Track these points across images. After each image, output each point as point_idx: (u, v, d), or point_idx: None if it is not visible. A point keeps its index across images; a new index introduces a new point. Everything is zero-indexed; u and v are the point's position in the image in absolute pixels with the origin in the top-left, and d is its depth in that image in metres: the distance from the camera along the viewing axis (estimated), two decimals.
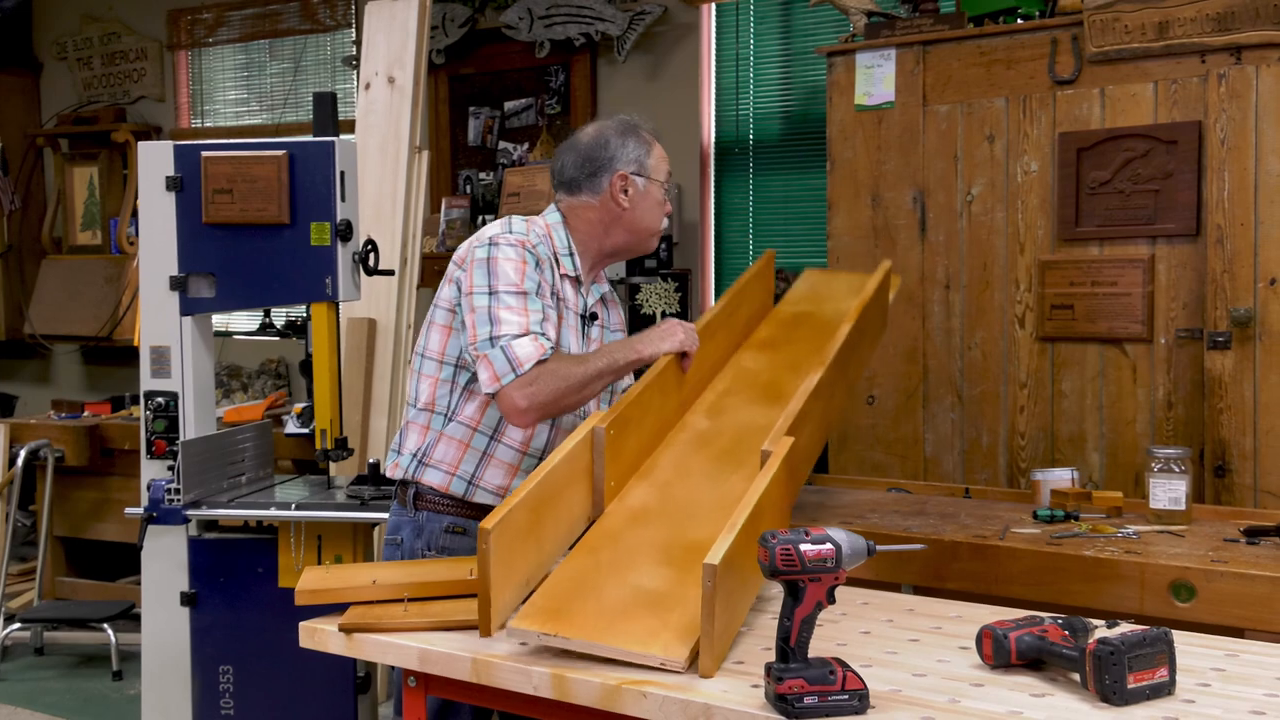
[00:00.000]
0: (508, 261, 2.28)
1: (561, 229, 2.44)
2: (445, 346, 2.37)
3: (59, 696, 4.40)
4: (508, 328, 2.22)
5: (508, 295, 2.25)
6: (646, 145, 2.48)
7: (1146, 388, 3.49)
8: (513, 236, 2.33)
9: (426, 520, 2.38)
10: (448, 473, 2.36)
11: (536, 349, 2.20)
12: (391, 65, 4.24)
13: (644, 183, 2.46)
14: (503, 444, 2.36)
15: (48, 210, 6.99)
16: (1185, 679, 1.66)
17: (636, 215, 2.46)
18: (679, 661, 1.70)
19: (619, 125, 2.50)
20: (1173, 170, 3.42)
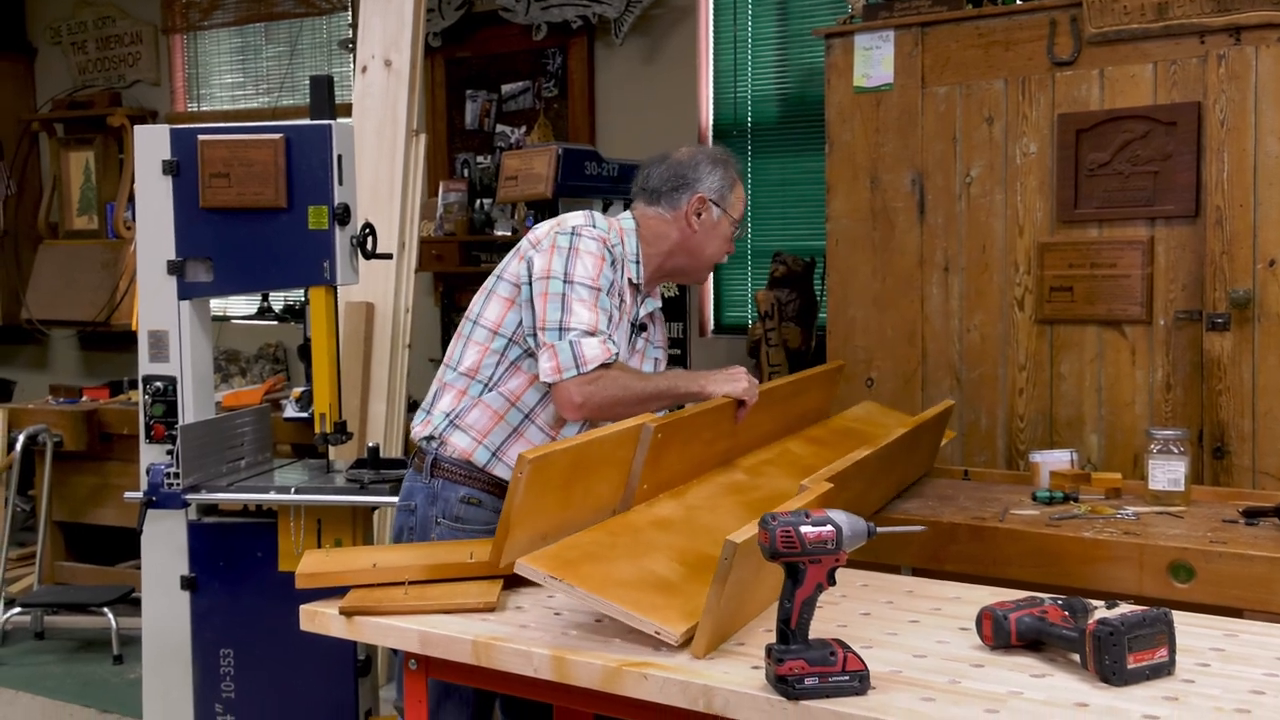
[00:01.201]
0: (589, 254, 2.33)
1: (634, 236, 2.50)
2: (503, 319, 2.40)
3: (59, 681, 4.41)
4: (578, 321, 2.26)
5: (582, 287, 2.30)
6: (731, 182, 2.56)
7: (1145, 369, 3.49)
8: (596, 230, 2.38)
9: (442, 488, 2.40)
10: (475, 439, 2.39)
11: (603, 351, 2.26)
12: (388, 48, 4.22)
13: (719, 214, 2.53)
14: (535, 424, 2.39)
15: (44, 195, 6.98)
16: (1185, 659, 1.66)
17: (702, 241, 2.53)
18: (674, 634, 1.70)
19: (714, 153, 2.58)
20: (1172, 151, 3.41)
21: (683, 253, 2.54)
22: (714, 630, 1.71)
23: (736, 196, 2.57)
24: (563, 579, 1.77)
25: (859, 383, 3.96)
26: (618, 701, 1.72)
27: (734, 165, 2.61)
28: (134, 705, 3.86)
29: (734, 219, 2.57)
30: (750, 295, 5.14)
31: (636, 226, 2.52)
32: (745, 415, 2.44)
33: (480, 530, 2.34)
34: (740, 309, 5.25)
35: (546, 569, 1.78)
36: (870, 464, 2.40)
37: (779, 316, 4.55)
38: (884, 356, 3.91)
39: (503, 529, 1.82)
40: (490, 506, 2.37)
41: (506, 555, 1.82)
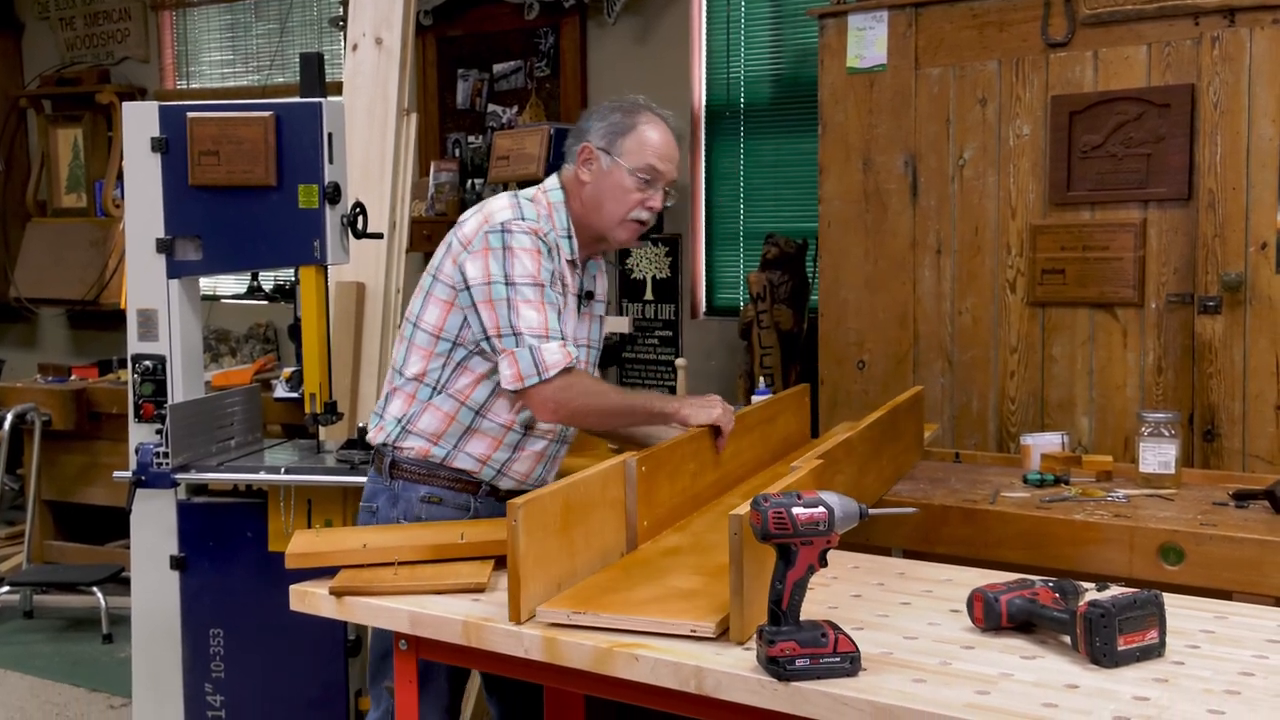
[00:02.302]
0: (524, 252, 2.25)
1: (563, 210, 2.39)
2: (444, 322, 2.33)
3: (48, 660, 4.40)
4: (528, 324, 2.21)
5: (526, 287, 2.23)
6: (627, 126, 2.35)
7: (1136, 352, 3.49)
8: (525, 224, 2.28)
9: (403, 489, 2.36)
10: (429, 442, 2.35)
11: (564, 356, 2.22)
12: (379, 26, 4.18)
13: (609, 161, 2.34)
14: (488, 419, 2.35)
15: (32, 173, 6.92)
16: (1175, 641, 1.67)
17: (596, 195, 2.35)
18: (709, 627, 1.69)
19: (617, 101, 2.42)
20: (1165, 134, 3.41)
21: (588, 210, 2.38)
22: (748, 612, 1.68)
23: (636, 141, 2.33)
24: (586, 611, 1.76)
25: (850, 365, 3.96)
26: (609, 683, 1.72)
27: (642, 111, 2.38)
28: (123, 684, 3.85)
29: (630, 168, 2.33)
30: (742, 277, 5.12)
31: (565, 197, 2.39)
32: (724, 443, 2.41)
33: None
34: (732, 291, 5.24)
35: (569, 607, 1.77)
36: (856, 445, 2.40)
37: (771, 298, 4.54)
38: (876, 339, 3.91)
39: (513, 580, 1.78)
40: (452, 504, 2.35)
41: (524, 605, 1.78)
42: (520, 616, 1.78)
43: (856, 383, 3.94)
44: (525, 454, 2.39)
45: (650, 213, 2.39)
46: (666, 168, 2.37)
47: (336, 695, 3.12)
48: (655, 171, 2.35)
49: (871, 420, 2.61)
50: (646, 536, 2.14)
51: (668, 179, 2.38)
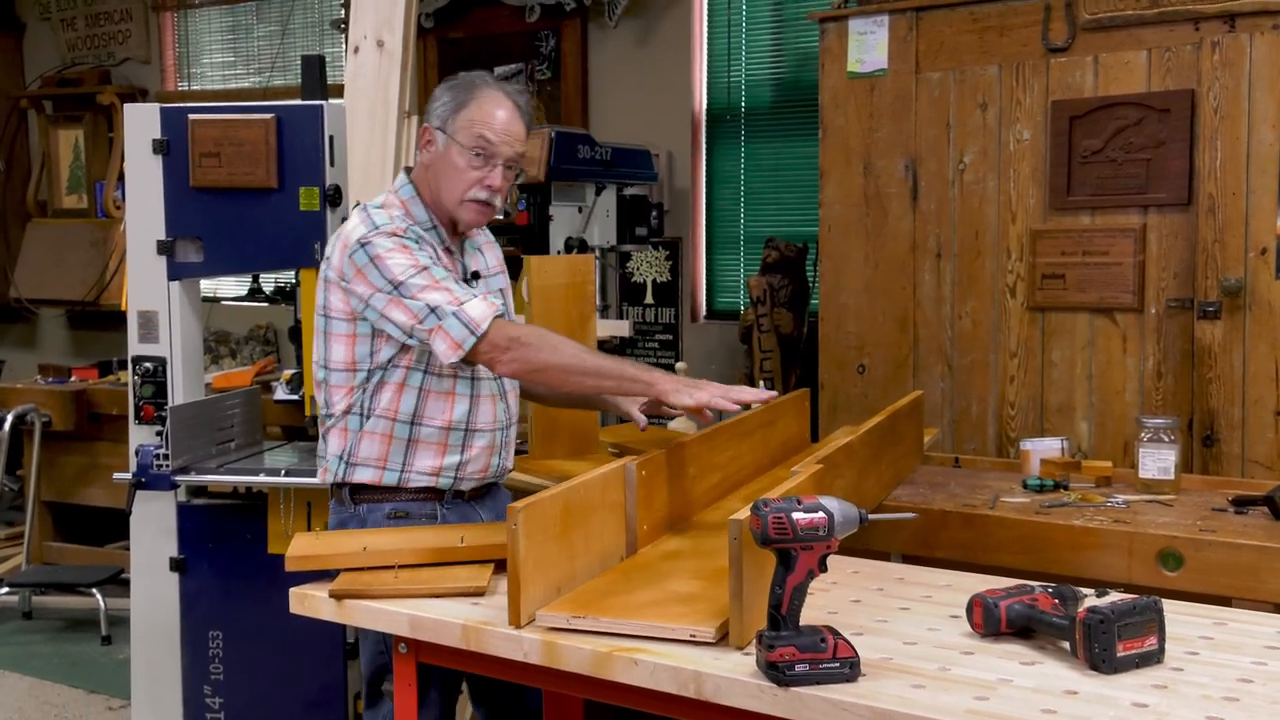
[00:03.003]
0: (390, 253, 2.19)
1: (418, 201, 2.32)
2: (352, 354, 2.28)
3: (47, 660, 4.40)
4: (440, 301, 2.14)
5: (414, 279, 2.17)
6: (460, 102, 2.26)
7: (1136, 357, 3.50)
8: (381, 230, 2.22)
9: (368, 512, 2.32)
10: (377, 468, 2.31)
11: (488, 308, 2.15)
12: (380, 28, 4.19)
13: (443, 140, 2.27)
14: (424, 426, 2.29)
15: (32, 173, 6.93)
16: (1174, 647, 1.67)
17: (437, 177, 2.29)
18: (709, 631, 1.69)
19: (457, 79, 2.33)
20: (1165, 139, 3.41)
21: (432, 193, 2.31)
22: (747, 616, 1.68)
23: (468, 117, 2.25)
24: (586, 615, 1.76)
25: (850, 369, 3.96)
26: (608, 687, 1.72)
27: (479, 86, 2.28)
28: (122, 686, 3.85)
29: (463, 144, 2.24)
30: (743, 280, 5.13)
31: (415, 191, 2.33)
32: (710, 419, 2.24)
33: None
34: (732, 294, 5.24)
35: (568, 611, 1.77)
36: (856, 449, 2.41)
37: (771, 302, 4.54)
38: (876, 343, 3.91)
39: (513, 584, 1.77)
40: (418, 515, 2.31)
41: (524, 609, 1.78)
42: (520, 620, 1.78)
43: (856, 387, 3.94)
44: (475, 451, 2.33)
45: (490, 192, 2.28)
46: (502, 141, 2.26)
47: (335, 698, 3.12)
48: (488, 144, 2.25)
49: (871, 425, 2.61)
50: (646, 540, 2.15)
51: (506, 155, 2.27)
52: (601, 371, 2.19)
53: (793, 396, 3.09)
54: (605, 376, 2.20)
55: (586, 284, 3.17)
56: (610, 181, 4.31)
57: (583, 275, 3.17)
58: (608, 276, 4.51)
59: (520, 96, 2.32)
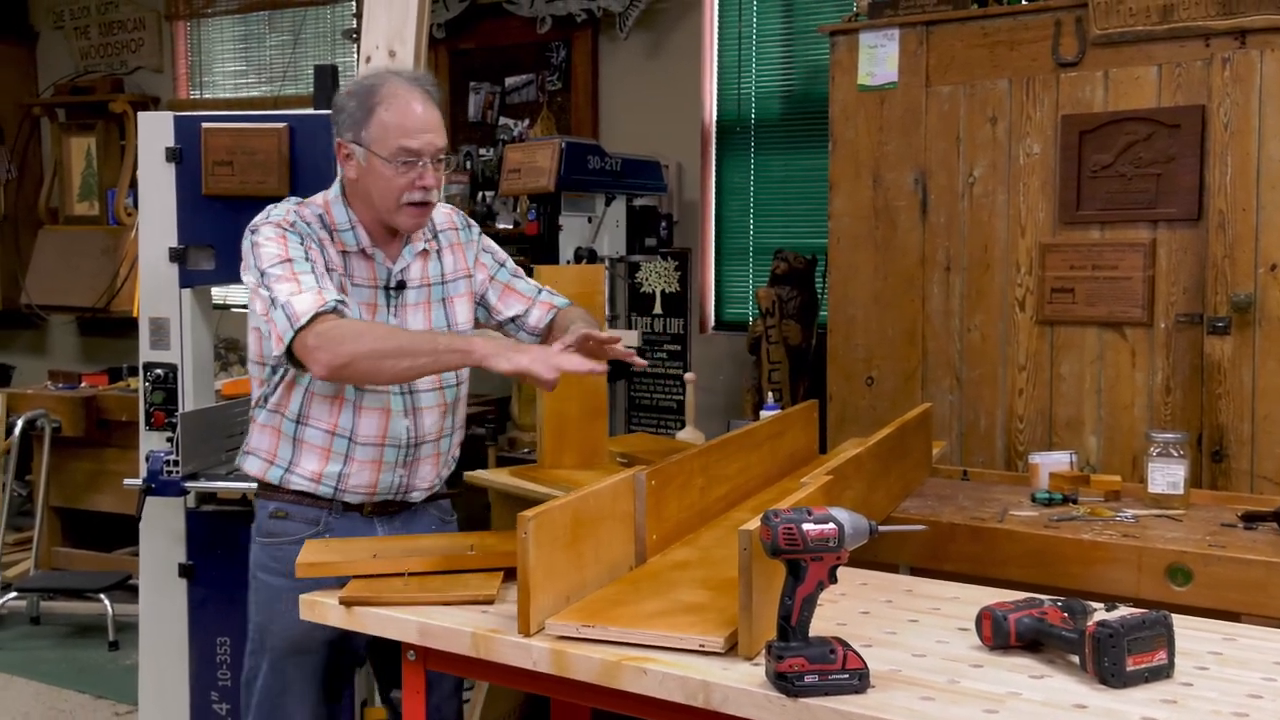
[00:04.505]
0: (267, 241, 2.17)
1: (341, 202, 2.27)
2: (260, 347, 2.26)
3: (54, 666, 4.41)
4: (283, 290, 2.10)
5: (274, 268, 2.13)
6: (368, 110, 2.17)
7: (1145, 372, 3.49)
8: (272, 220, 2.21)
9: (259, 507, 2.34)
10: (266, 460, 2.31)
11: (315, 300, 2.07)
12: (392, 39, 4.20)
13: (362, 154, 2.19)
14: (309, 427, 2.26)
15: (45, 180, 6.96)
16: (1183, 662, 1.67)
17: (367, 187, 2.21)
18: (717, 641, 1.69)
19: (354, 85, 2.22)
20: (1175, 154, 3.41)
21: (363, 203, 2.24)
22: (756, 627, 1.68)
23: (379, 127, 2.15)
24: (595, 624, 1.76)
25: (858, 381, 3.96)
26: (617, 696, 1.73)
27: (379, 89, 2.18)
28: (129, 692, 3.86)
29: (384, 156, 2.15)
30: (751, 292, 5.14)
31: (343, 191, 2.27)
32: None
33: (291, 542, 2.24)
34: (741, 306, 5.25)
35: (577, 620, 1.78)
36: (865, 461, 2.41)
37: (780, 314, 4.55)
38: (884, 355, 3.91)
39: (523, 593, 1.78)
40: (299, 518, 2.29)
41: (534, 618, 1.78)
42: (530, 629, 1.79)
43: (865, 399, 3.95)
44: (359, 464, 2.27)
45: (425, 191, 2.20)
46: (423, 142, 2.17)
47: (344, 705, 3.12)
48: (410, 152, 2.16)
49: (880, 437, 2.61)
50: (655, 550, 2.15)
51: (431, 152, 2.19)
52: (414, 349, 2.06)
53: (801, 408, 3.10)
54: (419, 354, 2.06)
55: (596, 294, 3.19)
56: (620, 192, 4.32)
57: (592, 285, 3.18)
58: (617, 286, 4.51)
59: (425, 81, 2.24)
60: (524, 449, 4.69)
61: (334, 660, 2.32)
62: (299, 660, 2.28)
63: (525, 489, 3.02)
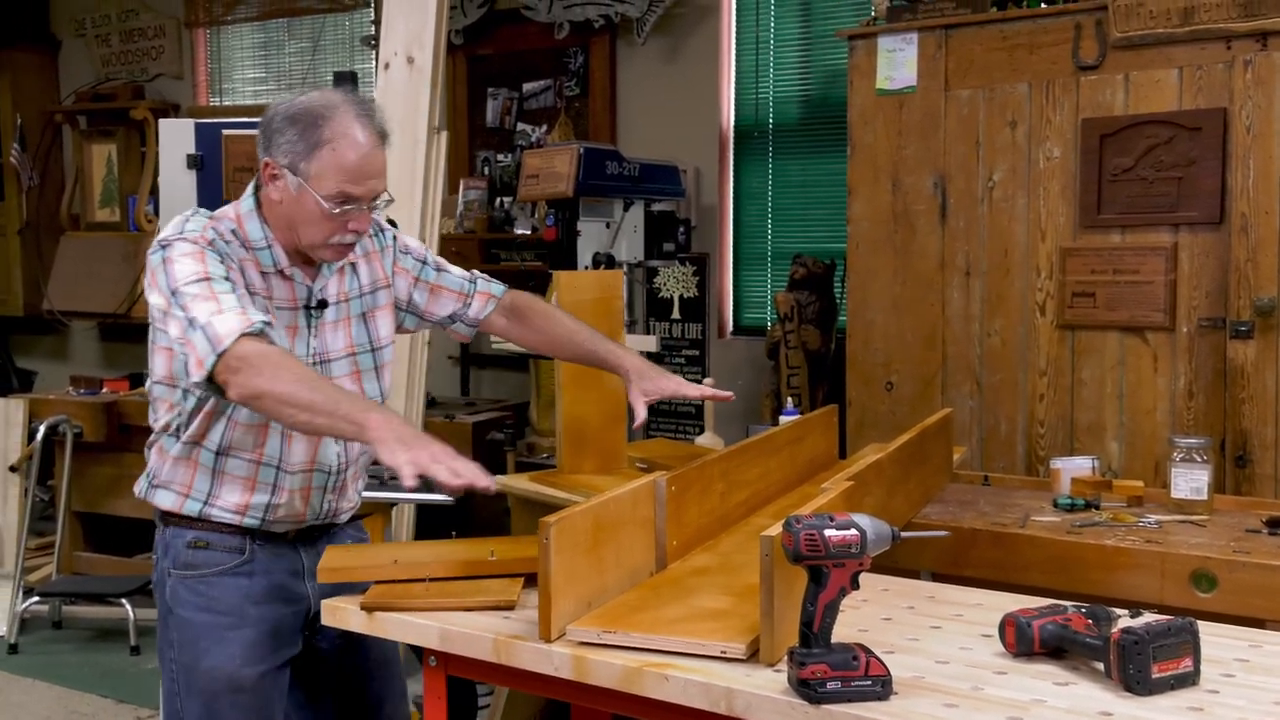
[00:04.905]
0: (182, 257, 1.98)
1: (255, 216, 2.09)
2: (169, 369, 2.09)
3: (76, 669, 4.44)
4: (202, 310, 1.92)
5: (190, 286, 1.95)
6: (314, 143, 2.00)
7: (1167, 376, 3.47)
8: (186, 236, 2.02)
9: (173, 537, 2.15)
10: (180, 494, 2.12)
11: (240, 321, 1.90)
12: (410, 45, 4.22)
13: (295, 184, 2.01)
14: (232, 458, 2.09)
15: (66, 187, 7.01)
16: (1209, 669, 1.65)
17: (291, 215, 2.04)
18: (739, 648, 1.69)
19: (298, 108, 2.03)
20: (1196, 157, 3.40)
21: (285, 228, 2.07)
22: (778, 633, 1.68)
23: (323, 163, 1.99)
24: (616, 630, 1.76)
25: (878, 386, 3.95)
26: (638, 702, 1.72)
27: (331, 120, 2.00)
28: (150, 695, 3.88)
29: (321, 195, 1.99)
30: (770, 297, 5.13)
31: (257, 204, 2.10)
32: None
33: (213, 574, 2.11)
34: (759, 311, 5.24)
35: (599, 626, 1.77)
36: (885, 467, 2.40)
37: (798, 319, 4.54)
38: (903, 360, 3.90)
39: (544, 598, 1.77)
40: (220, 546, 2.12)
41: (555, 623, 1.77)
42: (551, 634, 1.78)
43: (884, 404, 3.94)
44: (288, 493, 2.13)
45: (355, 235, 2.07)
46: (366, 189, 2.03)
47: None
48: (350, 197, 2.02)
49: (901, 442, 2.60)
50: (675, 556, 2.15)
51: (370, 199, 2.05)
52: (314, 407, 1.88)
53: (821, 413, 3.09)
54: (317, 412, 1.88)
55: (615, 299, 3.18)
56: (638, 197, 4.32)
57: (611, 290, 3.17)
58: (635, 292, 4.52)
59: (375, 115, 2.06)
60: (543, 454, 4.70)
61: (273, 698, 2.16)
62: (235, 699, 2.10)
63: (545, 494, 3.01)
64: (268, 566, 2.14)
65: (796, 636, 1.62)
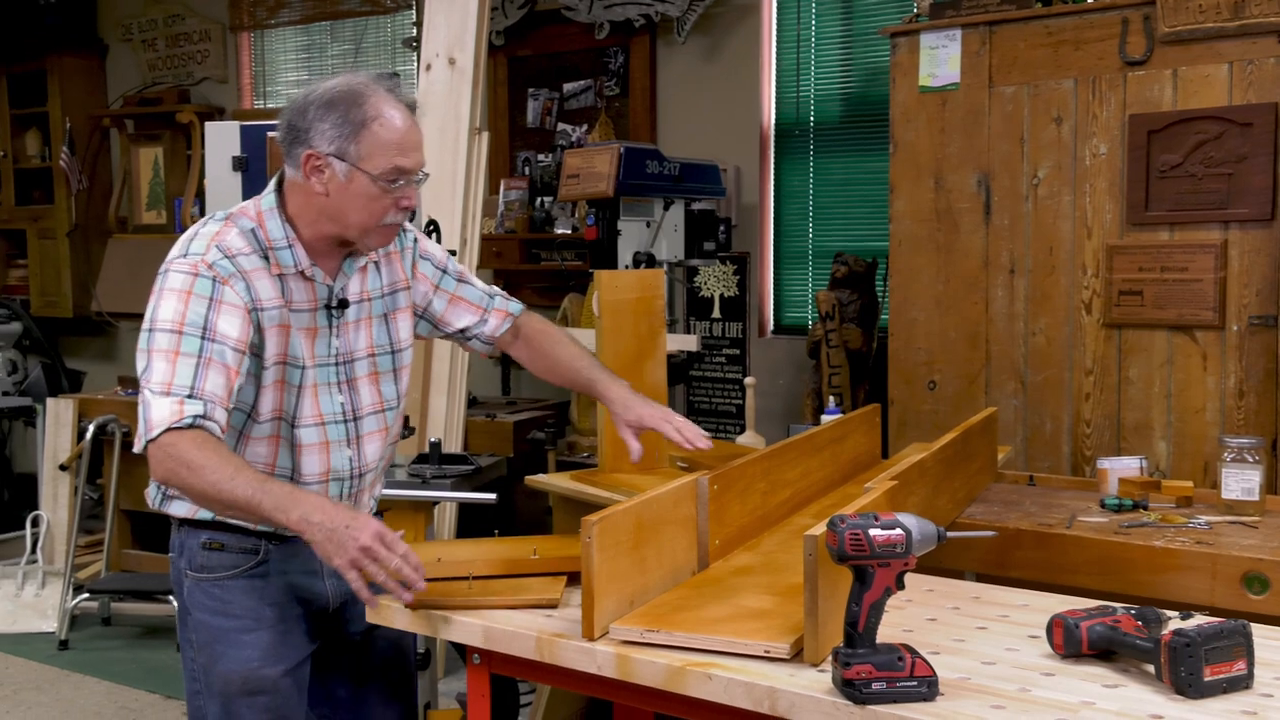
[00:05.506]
0: (170, 292, 1.95)
1: (277, 215, 2.05)
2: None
3: (125, 666, 4.50)
4: (155, 378, 1.90)
5: (161, 334, 1.93)
6: (356, 125, 1.98)
7: (1217, 375, 3.42)
8: (187, 260, 1.98)
9: (187, 537, 2.15)
10: (193, 505, 2.10)
11: (171, 413, 1.87)
12: (452, 46, 4.25)
13: (345, 169, 1.99)
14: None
15: (114, 190, 7.11)
16: (1263, 673, 1.63)
17: (339, 205, 2.02)
18: (783, 647, 1.68)
19: (333, 93, 2.00)
20: (1247, 153, 3.34)
21: (327, 220, 2.04)
22: (822, 633, 1.67)
23: (372, 143, 1.98)
24: (659, 629, 1.76)
25: (920, 385, 3.92)
26: (681, 701, 1.72)
27: (369, 98, 1.99)
28: None
29: (374, 174, 1.99)
30: (811, 296, 5.11)
31: (280, 201, 2.07)
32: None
33: (227, 577, 2.11)
34: (800, 309, 5.22)
35: (642, 625, 1.77)
36: (929, 466, 2.38)
37: (840, 317, 4.51)
38: (946, 359, 3.87)
39: (587, 597, 1.78)
40: (235, 547, 2.11)
41: (598, 622, 1.78)
42: (594, 633, 1.78)
43: (926, 403, 3.91)
44: None
45: (406, 212, 2.07)
46: (412, 160, 2.03)
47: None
48: (402, 170, 2.02)
49: (945, 441, 2.58)
50: (717, 555, 2.14)
51: (418, 169, 2.05)
52: (235, 503, 1.86)
53: (863, 412, 3.07)
54: (237, 507, 1.88)
55: (656, 299, 3.18)
56: (678, 196, 4.32)
57: (652, 290, 3.17)
58: (675, 291, 4.51)
59: (406, 92, 2.07)
60: (583, 453, 4.70)
61: (292, 696, 2.15)
62: (253, 701, 2.10)
63: (586, 493, 3.02)
64: (283, 567, 2.13)
65: (840, 637, 1.61)
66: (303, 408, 2.08)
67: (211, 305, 1.95)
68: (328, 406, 2.11)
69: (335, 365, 2.12)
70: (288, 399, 2.07)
